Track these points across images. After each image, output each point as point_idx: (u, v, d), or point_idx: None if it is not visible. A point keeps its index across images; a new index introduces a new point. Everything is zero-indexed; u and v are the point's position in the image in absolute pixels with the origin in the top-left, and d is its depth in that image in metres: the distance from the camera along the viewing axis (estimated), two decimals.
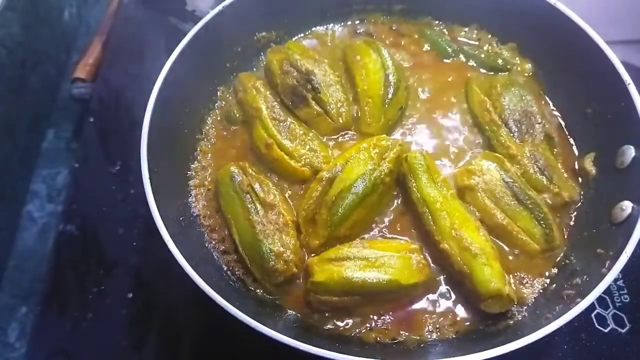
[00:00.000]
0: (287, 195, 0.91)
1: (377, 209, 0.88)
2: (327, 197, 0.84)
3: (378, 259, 0.79)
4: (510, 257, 0.85)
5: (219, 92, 1.02)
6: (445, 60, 1.05)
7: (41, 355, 0.88)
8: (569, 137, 0.96)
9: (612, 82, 0.86)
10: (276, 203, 0.86)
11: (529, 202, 0.85)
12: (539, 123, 0.94)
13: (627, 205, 0.78)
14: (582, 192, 0.90)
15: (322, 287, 0.78)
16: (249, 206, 0.84)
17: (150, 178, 0.79)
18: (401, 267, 0.79)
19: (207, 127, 0.99)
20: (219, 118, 1.00)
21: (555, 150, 0.94)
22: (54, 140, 1.18)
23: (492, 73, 1.04)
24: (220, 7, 0.95)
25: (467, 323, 0.81)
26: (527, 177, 0.89)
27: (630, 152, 0.82)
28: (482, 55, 1.05)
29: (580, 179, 0.92)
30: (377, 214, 0.89)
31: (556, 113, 0.99)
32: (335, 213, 0.83)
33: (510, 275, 0.84)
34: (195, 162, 0.95)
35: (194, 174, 0.94)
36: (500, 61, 1.04)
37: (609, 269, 0.72)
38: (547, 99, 1.01)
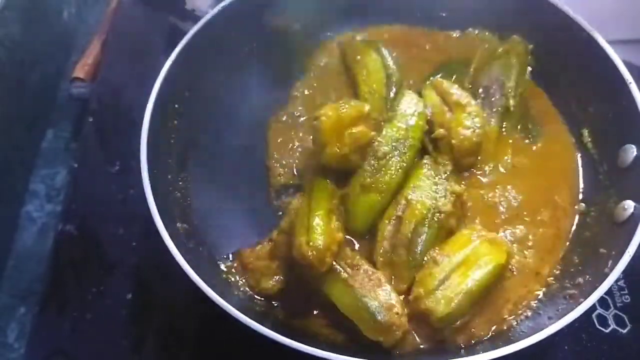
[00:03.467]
0: None
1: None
2: (401, 235, 0.79)
3: (466, 259, 0.76)
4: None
5: None
6: None
7: (40, 356, 0.88)
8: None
9: (613, 81, 0.86)
10: (359, 264, 0.78)
11: None
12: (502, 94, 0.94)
13: (630, 205, 0.78)
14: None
15: (450, 317, 0.73)
16: (336, 269, 0.76)
17: (150, 178, 0.78)
18: (490, 249, 0.77)
19: None
20: None
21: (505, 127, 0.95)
22: (53, 140, 1.17)
23: None
24: (220, 6, 0.95)
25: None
26: None
27: (632, 151, 0.82)
28: None
29: None
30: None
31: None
32: (415, 251, 0.78)
33: None
34: None
35: None
36: None
37: (611, 269, 0.72)
38: (547, 98, 1.01)
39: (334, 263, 0.75)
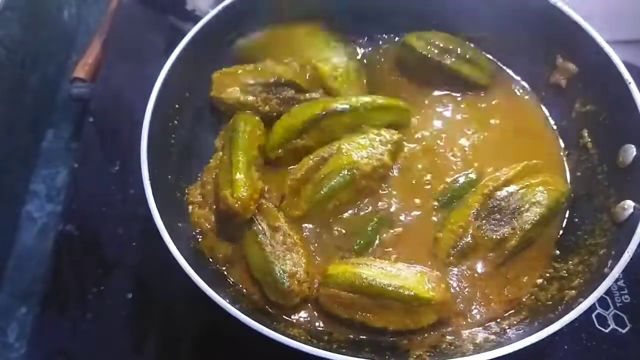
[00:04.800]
0: None
1: (366, 193, 0.90)
2: (317, 174, 0.86)
3: (395, 270, 0.79)
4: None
5: None
6: None
7: (41, 356, 0.88)
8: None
9: (613, 81, 0.86)
10: (280, 225, 0.84)
11: None
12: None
13: (629, 205, 0.78)
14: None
15: (332, 279, 0.78)
16: (255, 228, 0.83)
17: (150, 178, 0.78)
18: (417, 281, 0.77)
19: None
20: None
21: None
22: (53, 140, 1.17)
23: None
24: (220, 6, 0.95)
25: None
26: None
27: (632, 151, 0.81)
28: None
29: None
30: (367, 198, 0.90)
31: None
32: (319, 191, 0.85)
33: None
34: None
35: None
36: None
37: (611, 269, 0.72)
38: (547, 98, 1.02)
39: (257, 221, 0.83)
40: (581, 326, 0.89)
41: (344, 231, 0.87)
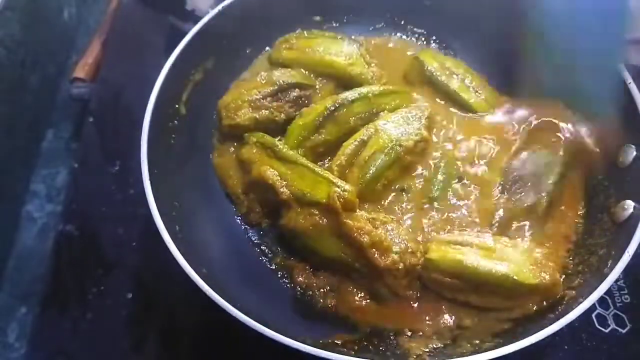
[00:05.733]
0: None
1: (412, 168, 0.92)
2: (360, 157, 0.87)
3: (499, 249, 0.78)
4: None
5: None
6: None
7: (41, 356, 0.88)
8: None
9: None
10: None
11: None
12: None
13: (629, 205, 0.78)
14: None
15: (433, 264, 0.79)
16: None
17: (150, 178, 0.78)
18: (521, 263, 0.77)
19: None
20: None
21: None
22: (53, 140, 1.17)
23: None
24: (220, 6, 0.95)
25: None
26: None
27: (632, 151, 0.82)
28: None
29: None
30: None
31: None
32: (366, 172, 0.86)
33: None
34: None
35: None
36: None
37: (611, 269, 0.72)
38: None
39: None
40: (581, 326, 0.89)
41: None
